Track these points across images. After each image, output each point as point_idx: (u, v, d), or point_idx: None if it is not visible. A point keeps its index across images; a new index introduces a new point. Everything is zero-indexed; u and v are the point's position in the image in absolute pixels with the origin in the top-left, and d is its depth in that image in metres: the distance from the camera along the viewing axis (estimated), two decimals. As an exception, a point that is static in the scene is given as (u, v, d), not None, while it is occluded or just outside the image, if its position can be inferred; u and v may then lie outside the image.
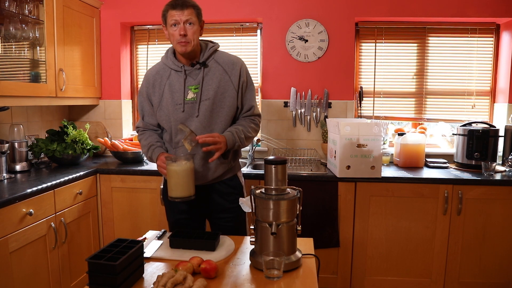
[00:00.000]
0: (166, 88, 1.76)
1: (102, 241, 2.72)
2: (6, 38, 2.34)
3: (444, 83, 3.10)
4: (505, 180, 2.40)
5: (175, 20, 1.67)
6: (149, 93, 1.81)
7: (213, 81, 1.74)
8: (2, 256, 1.81)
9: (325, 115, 3.03)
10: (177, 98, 1.74)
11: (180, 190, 1.60)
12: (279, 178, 1.39)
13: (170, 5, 1.69)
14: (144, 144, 1.84)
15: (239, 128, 1.75)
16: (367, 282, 2.55)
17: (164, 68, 1.79)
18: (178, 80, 1.75)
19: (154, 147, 1.79)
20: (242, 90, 1.80)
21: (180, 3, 1.66)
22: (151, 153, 1.79)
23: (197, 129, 1.73)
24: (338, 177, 2.45)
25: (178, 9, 1.66)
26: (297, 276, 1.33)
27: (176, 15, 1.66)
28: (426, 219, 2.46)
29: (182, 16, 1.66)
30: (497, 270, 2.47)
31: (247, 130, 1.79)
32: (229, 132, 1.73)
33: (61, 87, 2.61)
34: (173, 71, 1.77)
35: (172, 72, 1.77)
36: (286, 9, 3.00)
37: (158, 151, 1.78)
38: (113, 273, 1.15)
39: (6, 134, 2.56)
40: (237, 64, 1.79)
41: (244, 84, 1.81)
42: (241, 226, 1.89)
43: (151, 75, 1.82)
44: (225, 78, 1.76)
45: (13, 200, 1.87)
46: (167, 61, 1.79)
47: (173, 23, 1.68)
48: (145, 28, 3.27)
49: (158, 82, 1.79)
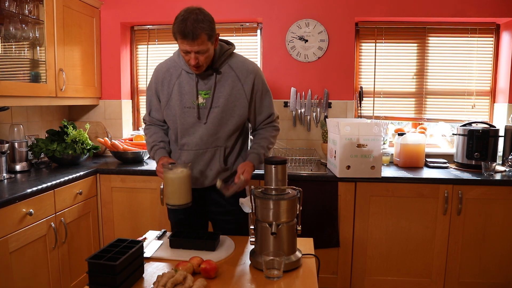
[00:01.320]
0: (175, 88, 1.70)
1: (102, 241, 2.72)
2: (6, 38, 2.34)
3: (444, 83, 3.10)
4: (505, 180, 2.40)
5: (186, 49, 1.54)
6: (158, 90, 1.75)
7: (225, 88, 1.68)
8: (2, 256, 1.81)
9: (325, 115, 3.03)
10: (185, 101, 1.69)
11: (176, 198, 1.59)
12: (279, 178, 1.39)
13: (180, 33, 1.51)
14: (148, 141, 1.83)
15: (263, 145, 1.77)
16: (367, 282, 2.55)
17: (175, 66, 1.72)
18: (188, 83, 1.69)
19: (157, 148, 1.77)
20: (256, 100, 1.75)
21: (190, 33, 1.49)
22: (153, 153, 1.78)
23: (203, 136, 1.71)
24: (338, 177, 2.45)
25: (189, 39, 1.50)
26: (297, 276, 1.33)
27: (187, 45, 1.52)
28: (426, 219, 2.46)
29: (193, 47, 1.52)
30: (497, 270, 2.47)
31: (269, 141, 1.80)
32: (255, 154, 1.73)
33: (61, 87, 2.61)
34: (184, 71, 1.70)
35: (183, 72, 1.70)
36: (286, 9, 3.00)
37: (160, 153, 1.76)
38: (113, 273, 1.15)
39: (6, 134, 2.56)
40: (251, 73, 1.71)
41: (259, 93, 1.75)
42: (243, 227, 1.89)
43: (161, 72, 1.75)
44: (237, 86, 1.69)
45: (13, 200, 1.87)
46: (179, 60, 1.71)
47: (184, 50, 1.56)
48: (145, 28, 3.27)
49: (168, 80, 1.72)
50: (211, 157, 1.74)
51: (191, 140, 1.73)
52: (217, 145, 1.73)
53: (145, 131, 1.87)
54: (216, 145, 1.73)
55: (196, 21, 1.49)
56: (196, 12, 1.51)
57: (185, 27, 1.49)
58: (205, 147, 1.72)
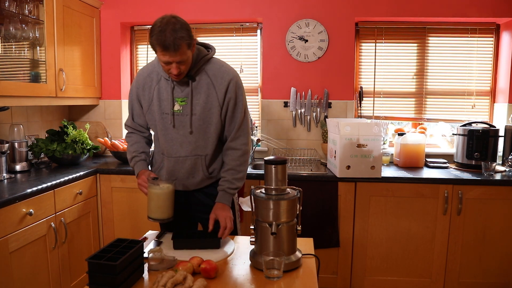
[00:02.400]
0: (155, 93, 1.68)
1: (102, 241, 2.72)
2: (6, 38, 2.34)
3: (444, 83, 3.10)
4: (505, 180, 2.40)
5: (167, 60, 1.50)
6: (139, 95, 1.73)
7: (200, 95, 1.64)
8: (2, 256, 1.81)
9: (325, 115, 3.03)
10: (164, 107, 1.68)
11: (160, 213, 1.59)
12: (279, 178, 1.38)
13: (160, 45, 1.47)
14: (129, 150, 1.80)
15: (230, 179, 1.69)
16: (367, 282, 2.55)
17: (155, 72, 1.70)
18: (166, 89, 1.66)
19: (138, 160, 1.75)
20: (229, 108, 1.66)
21: (172, 44, 1.45)
22: (134, 163, 1.76)
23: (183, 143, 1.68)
24: (338, 177, 2.45)
25: (170, 51, 1.46)
26: (297, 276, 1.33)
27: (169, 56, 1.48)
28: (426, 219, 2.46)
29: (175, 58, 1.49)
30: (497, 270, 2.47)
31: (237, 171, 1.70)
32: (225, 193, 1.68)
33: (61, 87, 2.61)
34: (163, 77, 1.68)
35: (162, 79, 1.68)
36: (286, 9, 3.00)
37: (141, 165, 1.74)
38: (113, 273, 1.15)
39: (6, 134, 2.56)
40: (225, 79, 1.64)
41: (232, 102, 1.66)
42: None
43: (142, 77, 1.73)
44: (212, 93, 1.64)
45: (13, 200, 1.87)
46: (159, 66, 1.68)
47: (166, 62, 1.51)
48: (145, 28, 3.27)
49: (148, 85, 1.70)
50: (192, 165, 1.71)
51: (170, 147, 1.71)
52: (197, 154, 1.70)
53: (127, 139, 1.85)
54: (197, 153, 1.70)
55: (175, 31, 1.45)
56: (173, 22, 1.47)
57: (165, 39, 1.45)
58: (184, 154, 1.70)
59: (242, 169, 1.72)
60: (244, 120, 1.71)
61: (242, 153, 1.71)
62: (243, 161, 1.72)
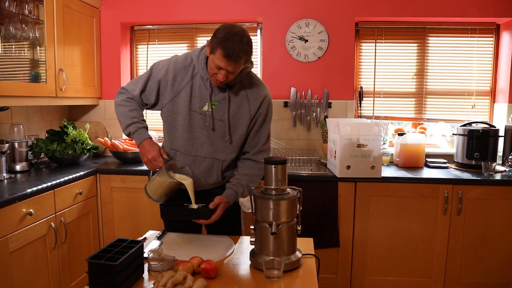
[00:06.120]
0: (186, 88, 1.66)
1: (102, 241, 2.72)
2: (6, 38, 2.34)
3: (444, 83, 3.10)
4: (505, 180, 2.40)
5: (220, 66, 1.51)
6: (166, 80, 1.67)
7: (232, 104, 1.67)
8: (2, 256, 1.81)
9: (325, 115, 3.03)
10: (193, 104, 1.66)
11: (158, 197, 1.63)
12: (279, 178, 1.38)
13: (223, 49, 1.47)
14: (127, 114, 1.69)
15: (243, 183, 1.70)
16: (367, 282, 2.55)
17: (193, 66, 1.67)
18: (200, 88, 1.66)
19: (140, 126, 1.68)
20: (256, 123, 1.72)
21: (234, 55, 1.47)
22: (134, 129, 1.67)
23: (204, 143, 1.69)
24: (338, 177, 2.45)
25: (230, 60, 1.48)
26: (297, 276, 1.33)
27: (225, 63, 1.49)
28: (426, 219, 2.46)
29: (229, 67, 1.51)
30: (497, 270, 2.47)
31: (251, 180, 1.72)
32: (233, 192, 1.68)
33: (61, 87, 2.61)
34: (199, 75, 1.66)
35: (198, 76, 1.66)
36: (286, 9, 3.00)
37: (143, 133, 1.67)
38: (113, 273, 1.15)
39: (6, 134, 2.56)
40: (261, 94, 1.70)
41: (261, 117, 1.71)
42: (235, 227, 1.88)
43: (177, 66, 1.67)
44: (245, 105, 1.68)
45: (13, 200, 1.87)
46: (198, 63, 1.66)
47: (218, 66, 1.52)
48: (145, 28, 3.27)
49: (181, 77, 1.66)
50: (208, 168, 1.72)
51: (191, 145, 1.70)
52: (216, 157, 1.72)
53: (123, 102, 1.71)
54: (215, 157, 1.71)
55: (241, 43, 1.47)
56: (241, 34, 1.49)
57: (230, 47, 1.46)
58: (203, 155, 1.71)
59: (256, 180, 1.75)
60: (269, 136, 1.78)
61: (262, 167, 1.71)
62: (259, 174, 1.75)
